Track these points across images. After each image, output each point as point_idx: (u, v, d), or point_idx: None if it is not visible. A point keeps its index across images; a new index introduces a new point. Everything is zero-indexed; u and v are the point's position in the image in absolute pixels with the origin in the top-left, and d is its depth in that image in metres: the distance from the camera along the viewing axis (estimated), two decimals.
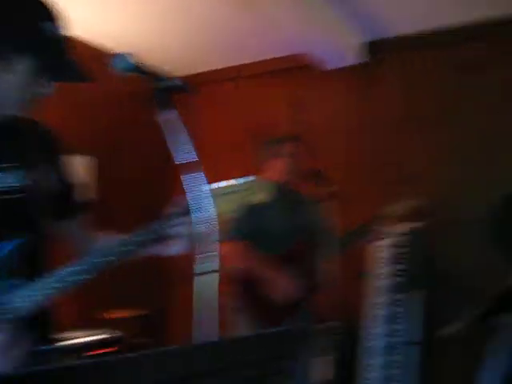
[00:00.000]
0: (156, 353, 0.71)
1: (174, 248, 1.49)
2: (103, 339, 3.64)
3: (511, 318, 2.79)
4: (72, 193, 1.71)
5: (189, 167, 1.25)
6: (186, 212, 1.40)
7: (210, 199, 1.26)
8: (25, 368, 1.28)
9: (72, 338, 3.30)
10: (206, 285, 1.16)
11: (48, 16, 1.39)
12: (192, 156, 1.26)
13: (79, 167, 4.11)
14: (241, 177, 1.54)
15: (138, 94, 4.86)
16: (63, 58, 1.43)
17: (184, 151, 1.26)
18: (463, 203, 3.78)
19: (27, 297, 1.35)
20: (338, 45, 4.00)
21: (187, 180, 1.20)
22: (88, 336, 3.50)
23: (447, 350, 3.59)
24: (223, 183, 1.49)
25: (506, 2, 3.58)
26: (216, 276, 1.22)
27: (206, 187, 1.27)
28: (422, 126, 4.12)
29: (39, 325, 1.44)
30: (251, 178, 1.54)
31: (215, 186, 1.39)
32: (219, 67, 4.89)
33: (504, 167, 3.77)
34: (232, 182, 1.51)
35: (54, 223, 1.61)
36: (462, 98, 3.97)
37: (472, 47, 3.94)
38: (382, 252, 3.65)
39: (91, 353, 3.40)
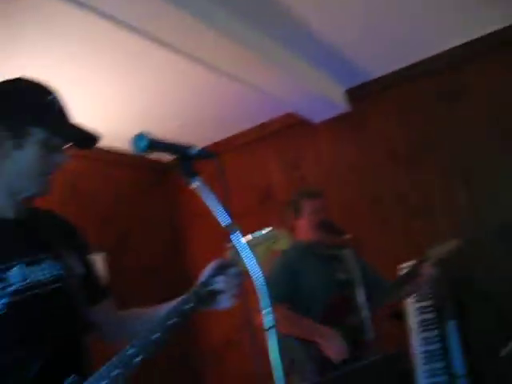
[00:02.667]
0: None
1: (224, 303, 1.53)
2: None
3: None
4: (98, 275, 1.74)
5: (226, 227, 1.27)
6: (228, 266, 1.50)
7: (248, 253, 1.27)
8: None
9: None
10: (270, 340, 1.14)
11: (50, 91, 1.49)
12: (226, 217, 1.28)
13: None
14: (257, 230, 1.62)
15: (137, 179, 5.03)
16: (69, 124, 1.50)
17: (218, 213, 1.29)
18: (478, 225, 3.79)
19: None
20: (321, 97, 4.10)
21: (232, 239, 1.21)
22: None
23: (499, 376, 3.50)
24: (245, 238, 1.54)
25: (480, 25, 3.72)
26: (274, 332, 1.21)
27: (242, 242, 1.28)
28: (414, 158, 4.19)
29: None
30: (269, 229, 1.63)
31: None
32: (217, 140, 5.02)
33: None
34: (249, 236, 1.58)
35: (89, 310, 1.61)
36: (447, 126, 4.06)
37: (449, 74, 4.07)
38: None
39: None
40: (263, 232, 1.63)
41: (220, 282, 1.51)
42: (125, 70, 3.53)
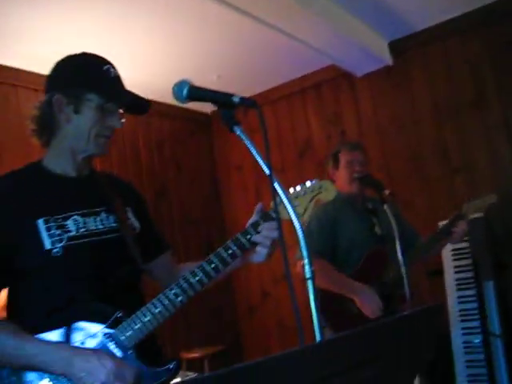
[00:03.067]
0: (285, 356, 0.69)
1: (258, 257, 1.60)
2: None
3: None
4: (155, 231, 1.87)
5: (267, 177, 1.27)
6: (268, 219, 1.58)
7: (289, 204, 1.27)
8: None
9: None
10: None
11: (106, 62, 1.65)
12: (268, 166, 1.27)
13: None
14: (296, 184, 1.67)
15: (177, 130, 5.06)
16: (123, 90, 1.64)
17: (260, 162, 1.28)
18: None
19: (137, 322, 1.48)
20: (363, 49, 3.99)
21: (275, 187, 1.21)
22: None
23: None
24: (291, 189, 1.65)
25: None
26: (311, 283, 1.21)
27: (283, 193, 1.29)
28: (458, 114, 4.07)
29: (147, 353, 1.52)
30: (315, 181, 1.68)
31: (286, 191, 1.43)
32: (255, 92, 4.97)
33: None
34: (298, 187, 1.66)
35: (146, 265, 1.73)
36: (500, 78, 3.91)
37: (500, 26, 3.90)
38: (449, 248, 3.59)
39: None
40: (308, 183, 1.67)
41: (258, 234, 1.57)
42: (165, 21, 3.50)
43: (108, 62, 1.64)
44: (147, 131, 4.76)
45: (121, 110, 1.65)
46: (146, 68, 4.13)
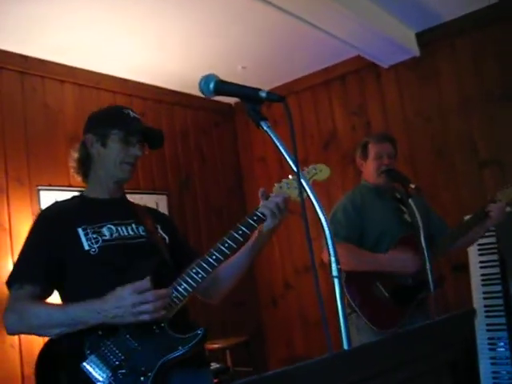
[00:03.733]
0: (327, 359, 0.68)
1: (267, 222, 1.77)
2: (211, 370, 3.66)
3: None
4: (184, 242, 2.12)
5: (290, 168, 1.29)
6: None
7: (312, 196, 1.28)
8: None
9: None
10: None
11: (127, 107, 2.01)
12: (294, 162, 1.26)
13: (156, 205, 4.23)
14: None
15: (201, 121, 5.06)
16: (139, 126, 1.95)
17: (286, 159, 1.28)
18: None
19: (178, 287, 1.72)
20: (390, 40, 3.93)
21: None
22: None
23: None
24: (290, 176, 1.85)
25: None
26: (338, 282, 1.20)
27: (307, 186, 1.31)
28: (487, 106, 4.00)
29: (179, 325, 1.71)
30: (310, 166, 1.88)
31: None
32: (279, 83, 4.95)
33: None
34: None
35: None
36: None
37: None
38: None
39: None
40: (305, 169, 1.86)
41: (261, 208, 1.79)
42: (191, 11, 3.50)
43: (129, 108, 2.00)
44: (171, 122, 4.77)
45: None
46: (171, 58, 4.13)
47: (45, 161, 3.70)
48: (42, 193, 3.61)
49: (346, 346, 1.01)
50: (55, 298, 1.86)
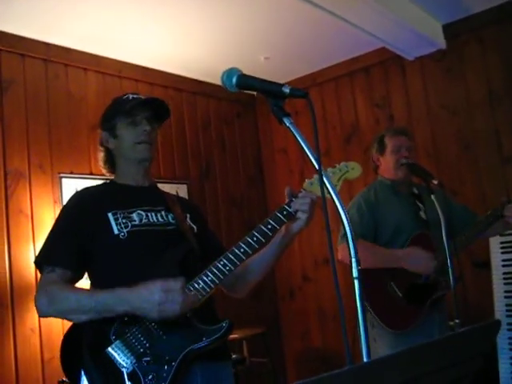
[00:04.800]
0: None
1: (301, 220, 1.75)
2: None
3: None
4: (212, 235, 2.13)
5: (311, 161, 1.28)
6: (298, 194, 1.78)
7: (334, 194, 1.26)
8: None
9: None
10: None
11: (127, 93, 2.03)
12: (315, 153, 1.25)
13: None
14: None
15: (222, 111, 5.05)
16: (141, 103, 1.94)
17: (307, 151, 1.26)
18: None
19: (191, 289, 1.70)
20: (416, 32, 3.87)
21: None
22: None
23: None
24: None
25: None
26: (357, 283, 1.18)
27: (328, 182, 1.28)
28: None
29: (203, 316, 1.73)
30: (342, 163, 1.84)
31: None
32: (302, 74, 4.91)
33: None
34: (328, 168, 1.82)
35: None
36: None
37: None
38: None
39: None
40: (337, 165, 1.83)
41: (294, 204, 1.76)
42: (214, 1, 3.47)
43: (130, 93, 2.03)
44: (193, 111, 4.76)
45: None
46: (194, 48, 4.11)
47: (67, 148, 3.73)
48: (63, 180, 3.63)
49: (365, 358, 0.99)
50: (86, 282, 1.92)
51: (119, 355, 1.64)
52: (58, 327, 3.21)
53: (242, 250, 1.73)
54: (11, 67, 3.54)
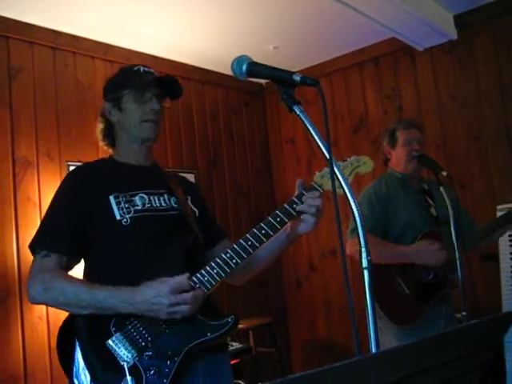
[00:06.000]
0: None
1: (308, 223, 1.71)
2: (234, 350, 3.68)
3: None
4: (213, 219, 2.08)
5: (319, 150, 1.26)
6: (310, 189, 1.72)
7: (345, 185, 1.23)
8: None
9: None
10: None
11: (137, 64, 1.91)
12: (325, 143, 1.23)
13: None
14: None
15: (230, 100, 5.04)
16: (153, 80, 1.85)
17: (317, 140, 1.25)
18: None
19: (196, 282, 1.67)
20: (427, 22, 3.82)
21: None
22: None
23: None
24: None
25: None
26: (366, 274, 1.17)
27: (339, 172, 1.25)
28: None
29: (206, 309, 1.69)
30: (354, 156, 1.82)
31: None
32: (311, 64, 4.89)
33: None
34: (339, 162, 1.77)
35: (209, 251, 1.92)
36: None
37: None
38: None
39: None
40: (348, 159, 1.80)
41: (302, 204, 1.70)
42: None
43: (140, 65, 1.90)
44: (201, 100, 4.75)
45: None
46: (201, 37, 4.09)
47: (75, 136, 3.72)
48: (71, 168, 3.63)
49: (373, 349, 0.98)
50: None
51: (120, 348, 1.59)
52: (66, 315, 3.22)
53: (249, 243, 1.69)
54: (20, 55, 3.53)
